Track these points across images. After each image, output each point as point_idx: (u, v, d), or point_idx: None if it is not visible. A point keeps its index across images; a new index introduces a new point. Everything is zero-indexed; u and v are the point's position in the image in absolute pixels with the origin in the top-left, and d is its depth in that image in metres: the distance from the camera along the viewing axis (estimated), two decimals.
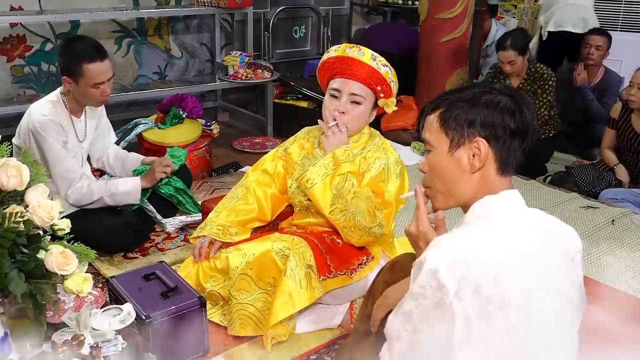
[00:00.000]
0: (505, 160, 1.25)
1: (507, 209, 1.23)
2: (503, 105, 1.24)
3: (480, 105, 1.24)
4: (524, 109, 1.25)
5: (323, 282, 2.06)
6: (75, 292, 1.56)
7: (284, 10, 5.17)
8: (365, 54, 2.05)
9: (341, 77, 2.07)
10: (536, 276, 1.17)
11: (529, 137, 1.26)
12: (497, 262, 1.14)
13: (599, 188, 3.44)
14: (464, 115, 1.24)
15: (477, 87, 1.30)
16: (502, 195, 1.24)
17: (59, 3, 4.14)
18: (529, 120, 1.25)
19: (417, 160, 3.88)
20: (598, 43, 4.08)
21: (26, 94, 4.17)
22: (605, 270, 2.60)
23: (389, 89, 2.08)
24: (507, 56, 3.70)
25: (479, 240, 1.17)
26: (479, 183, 1.25)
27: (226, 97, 5.13)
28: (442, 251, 1.14)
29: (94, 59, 2.42)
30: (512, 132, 1.23)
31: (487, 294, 1.11)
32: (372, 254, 2.19)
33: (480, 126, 1.23)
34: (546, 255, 1.20)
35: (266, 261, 2.06)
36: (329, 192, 2.04)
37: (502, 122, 1.23)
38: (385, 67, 2.06)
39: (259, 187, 2.30)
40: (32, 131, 2.47)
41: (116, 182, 2.68)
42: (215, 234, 2.20)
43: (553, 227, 1.26)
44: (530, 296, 1.15)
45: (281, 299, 1.98)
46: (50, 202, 1.57)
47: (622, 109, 3.46)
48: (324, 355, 2.09)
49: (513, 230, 1.20)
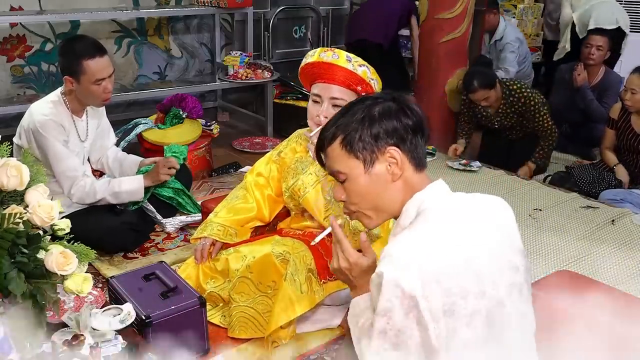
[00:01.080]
0: (418, 157, 1.29)
1: (438, 200, 1.26)
2: (394, 109, 1.28)
3: (377, 118, 1.27)
4: (410, 104, 1.30)
5: (324, 286, 2.06)
6: (75, 292, 1.56)
7: (284, 10, 5.18)
8: (340, 56, 2.03)
9: (320, 82, 2.07)
10: (482, 255, 1.19)
11: (425, 128, 1.30)
12: (446, 252, 1.16)
13: (599, 188, 3.44)
14: (367, 132, 1.27)
15: (358, 104, 1.32)
16: (429, 189, 1.28)
17: (59, 3, 4.14)
18: (419, 113, 1.30)
19: None
20: (599, 43, 4.09)
21: (26, 94, 4.17)
22: (605, 271, 2.60)
23: (369, 88, 2.06)
24: (480, 96, 3.68)
25: (423, 237, 1.19)
26: (404, 187, 1.28)
27: (226, 97, 5.13)
28: (395, 259, 1.15)
29: (94, 55, 2.44)
30: (413, 129, 1.28)
31: (447, 285, 1.13)
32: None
33: (386, 136, 1.26)
34: (486, 232, 1.23)
35: (266, 265, 2.06)
36: (322, 199, 2.04)
37: (401, 124, 1.27)
38: (362, 67, 2.04)
39: (256, 189, 2.31)
40: (33, 131, 2.48)
41: (119, 180, 2.68)
42: (216, 234, 2.20)
43: (484, 203, 1.30)
44: (482, 277, 1.17)
45: (282, 304, 1.98)
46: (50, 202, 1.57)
47: (622, 109, 3.46)
48: (324, 355, 2.09)
49: (451, 218, 1.23)
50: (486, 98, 3.68)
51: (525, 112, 3.71)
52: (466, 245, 1.19)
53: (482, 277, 1.17)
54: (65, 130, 2.53)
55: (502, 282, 1.21)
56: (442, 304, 1.12)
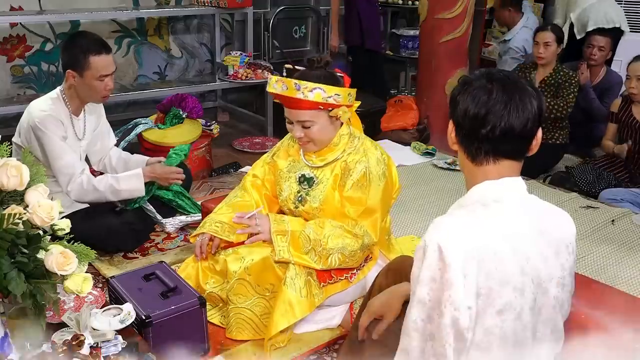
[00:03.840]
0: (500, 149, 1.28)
1: (506, 194, 1.24)
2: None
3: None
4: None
5: (323, 289, 2.07)
6: (75, 292, 1.55)
7: (284, 10, 5.18)
8: (288, 87, 1.98)
9: (287, 108, 2.07)
10: (533, 256, 1.19)
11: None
12: (495, 238, 1.17)
13: (599, 188, 3.44)
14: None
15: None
16: (502, 181, 1.25)
17: (59, 3, 4.14)
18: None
19: (417, 160, 3.86)
20: (601, 44, 4.09)
21: (26, 94, 4.17)
22: (605, 271, 2.60)
23: (332, 103, 2.01)
24: (545, 37, 3.78)
25: (476, 219, 1.20)
26: (478, 172, 1.28)
27: (226, 97, 5.13)
28: (442, 228, 1.17)
29: (100, 51, 2.48)
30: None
31: (488, 268, 1.13)
32: (370, 254, 2.19)
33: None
34: (544, 240, 1.22)
35: (265, 268, 2.06)
36: (306, 255, 2.03)
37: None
38: (313, 91, 1.97)
39: (254, 189, 2.32)
40: (32, 127, 2.48)
41: (118, 177, 2.67)
42: (215, 230, 2.20)
43: (548, 213, 1.29)
44: (527, 274, 1.18)
45: (281, 309, 1.98)
46: (50, 202, 1.57)
47: (622, 101, 3.53)
48: (324, 355, 2.09)
49: (512, 213, 1.23)
50: (547, 44, 3.78)
51: (560, 87, 3.78)
52: (518, 241, 1.18)
53: (526, 274, 1.17)
54: (63, 125, 2.54)
55: (547, 291, 1.21)
56: (479, 285, 1.13)
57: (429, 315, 1.15)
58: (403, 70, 5.92)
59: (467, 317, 1.12)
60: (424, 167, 3.74)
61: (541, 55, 3.82)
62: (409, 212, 3.01)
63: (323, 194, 2.11)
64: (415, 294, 1.17)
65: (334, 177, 2.11)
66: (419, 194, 3.30)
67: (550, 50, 3.80)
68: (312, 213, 2.14)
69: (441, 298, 1.13)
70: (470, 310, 1.12)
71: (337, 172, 2.11)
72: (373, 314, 1.61)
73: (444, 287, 1.12)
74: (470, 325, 1.13)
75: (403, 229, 2.81)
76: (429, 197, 3.26)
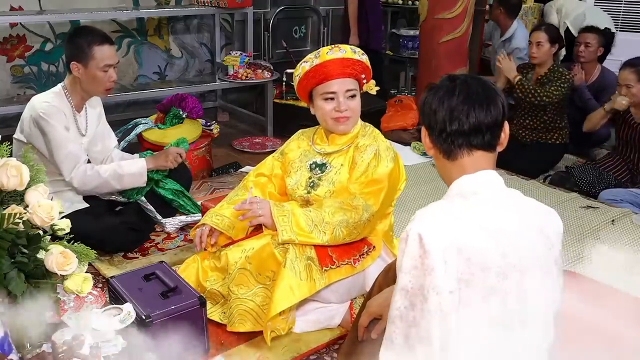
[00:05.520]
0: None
1: (484, 187, 1.29)
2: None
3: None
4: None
5: (326, 273, 2.06)
6: (75, 292, 1.56)
7: (284, 10, 5.17)
8: (346, 50, 2.15)
9: (333, 79, 2.13)
10: (511, 242, 1.22)
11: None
12: (474, 227, 1.20)
13: (599, 188, 3.45)
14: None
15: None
16: (478, 175, 1.30)
17: (59, 3, 4.14)
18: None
19: (417, 160, 3.87)
20: (587, 40, 4.13)
21: (26, 94, 4.17)
22: (605, 271, 2.60)
23: (369, 73, 2.22)
24: (538, 37, 3.80)
25: (456, 209, 1.25)
26: (455, 167, 1.33)
27: (226, 97, 5.13)
28: (423, 218, 1.22)
29: (103, 42, 2.53)
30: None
31: (467, 255, 1.17)
32: (373, 244, 2.20)
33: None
34: (526, 229, 1.26)
35: (265, 255, 2.07)
36: (310, 233, 2.04)
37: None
38: (363, 56, 2.20)
39: (257, 187, 2.34)
40: (35, 118, 2.48)
41: (121, 164, 2.68)
42: (215, 223, 2.22)
43: (532, 206, 1.33)
44: (509, 260, 1.21)
45: (281, 290, 1.98)
46: (50, 202, 1.57)
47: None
48: (324, 355, 2.09)
49: (491, 204, 1.27)
50: (539, 44, 3.79)
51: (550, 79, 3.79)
52: (497, 228, 1.22)
53: (508, 259, 1.20)
54: (66, 118, 2.55)
55: (532, 278, 1.23)
56: (460, 270, 1.16)
57: (411, 302, 1.19)
58: (403, 70, 5.92)
59: (449, 301, 1.16)
60: (424, 167, 3.75)
61: (534, 54, 3.84)
62: (409, 212, 3.01)
63: (337, 177, 2.18)
64: (398, 283, 1.21)
65: (349, 159, 2.19)
66: (419, 194, 3.31)
67: (542, 50, 3.80)
68: (323, 197, 2.17)
69: (423, 284, 1.17)
70: (452, 294, 1.16)
71: (351, 154, 2.20)
72: (372, 313, 1.62)
73: (425, 273, 1.16)
74: (453, 309, 1.16)
75: (403, 228, 2.79)
76: (429, 197, 3.26)
